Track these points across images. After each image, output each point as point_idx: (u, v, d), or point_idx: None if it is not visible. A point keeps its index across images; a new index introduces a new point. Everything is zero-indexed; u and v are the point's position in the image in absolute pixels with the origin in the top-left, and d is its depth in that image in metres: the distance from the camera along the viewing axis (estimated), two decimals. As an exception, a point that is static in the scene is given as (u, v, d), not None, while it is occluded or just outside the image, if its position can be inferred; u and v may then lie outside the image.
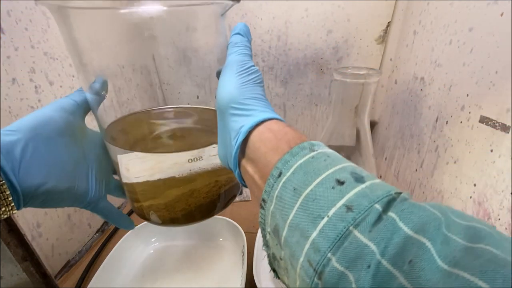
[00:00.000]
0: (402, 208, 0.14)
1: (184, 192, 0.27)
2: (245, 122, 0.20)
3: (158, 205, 0.28)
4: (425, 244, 0.12)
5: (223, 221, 0.45)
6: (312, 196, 0.15)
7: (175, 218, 0.28)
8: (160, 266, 0.42)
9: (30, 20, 0.35)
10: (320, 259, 0.14)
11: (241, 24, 0.25)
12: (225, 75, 0.22)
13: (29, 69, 0.35)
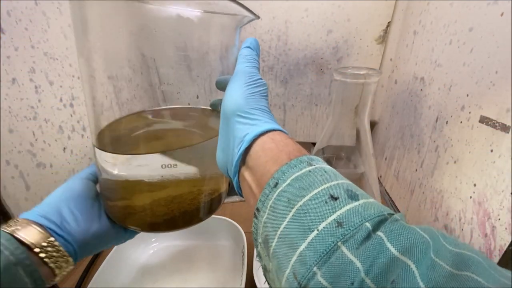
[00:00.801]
0: (391, 228, 0.14)
1: (162, 197, 0.27)
2: (249, 130, 0.20)
3: (135, 207, 0.27)
4: (410, 266, 0.12)
5: (223, 221, 0.45)
6: (305, 209, 0.16)
7: (156, 223, 0.28)
8: (160, 266, 0.42)
9: (30, 20, 0.35)
10: (305, 272, 0.14)
11: (251, 38, 0.26)
12: (234, 84, 0.23)
13: (29, 69, 0.35)
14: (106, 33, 0.25)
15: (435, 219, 0.41)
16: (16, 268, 0.21)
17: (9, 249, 0.21)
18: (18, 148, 0.33)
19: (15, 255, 0.21)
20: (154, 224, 0.28)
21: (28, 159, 0.35)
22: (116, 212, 0.28)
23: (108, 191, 0.28)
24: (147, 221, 0.28)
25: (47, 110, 0.37)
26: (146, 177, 0.25)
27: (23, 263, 0.21)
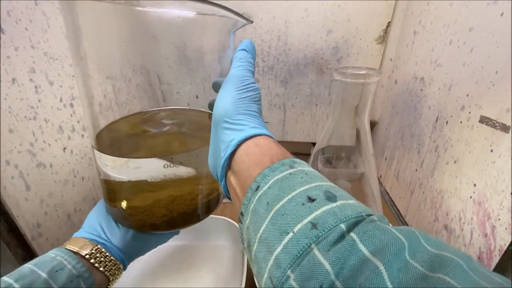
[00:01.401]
0: (365, 229, 0.13)
1: (164, 197, 0.27)
2: (235, 136, 0.20)
3: (136, 207, 0.28)
4: (379, 268, 0.12)
5: (223, 221, 0.45)
6: (282, 211, 0.15)
7: (155, 224, 0.28)
8: (160, 266, 0.42)
9: (30, 20, 0.35)
10: (280, 276, 0.14)
11: (247, 41, 0.26)
12: (225, 89, 0.23)
13: (29, 69, 0.35)
14: (100, 36, 0.25)
15: (435, 219, 0.41)
16: (78, 280, 0.24)
17: (71, 263, 0.24)
18: (18, 148, 0.33)
19: (77, 269, 0.24)
20: (154, 224, 0.28)
21: (28, 159, 0.35)
22: (115, 212, 0.28)
23: (107, 192, 0.28)
24: (146, 222, 0.28)
25: (47, 110, 0.37)
26: (143, 179, 0.25)
27: (83, 275, 0.24)
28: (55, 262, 0.24)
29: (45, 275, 0.23)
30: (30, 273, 0.22)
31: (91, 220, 0.29)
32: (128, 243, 0.28)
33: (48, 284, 0.22)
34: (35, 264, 0.23)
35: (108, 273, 0.26)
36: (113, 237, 0.28)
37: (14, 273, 0.23)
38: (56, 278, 0.23)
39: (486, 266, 0.31)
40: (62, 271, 0.23)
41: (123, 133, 0.30)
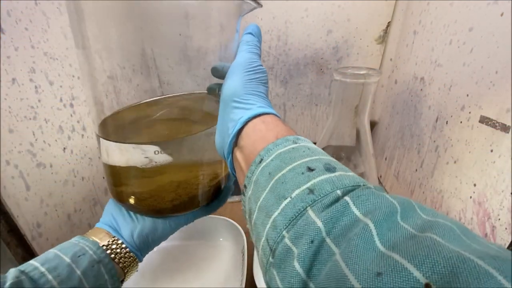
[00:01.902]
0: (359, 194, 0.14)
1: (166, 182, 0.27)
2: (243, 114, 0.21)
3: (141, 193, 0.28)
4: (368, 225, 0.12)
5: (223, 221, 0.45)
6: (282, 179, 0.16)
7: (164, 208, 0.28)
8: (160, 266, 0.42)
9: (30, 20, 0.35)
10: (276, 236, 0.15)
11: (253, 24, 0.27)
12: (233, 70, 0.24)
13: (29, 69, 0.35)
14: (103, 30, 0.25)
15: (435, 219, 0.41)
16: (99, 266, 0.24)
17: (92, 249, 0.25)
18: (18, 148, 0.33)
19: (97, 254, 0.25)
20: (160, 209, 0.28)
21: (28, 159, 0.35)
22: (123, 198, 0.28)
23: (113, 177, 0.28)
24: (154, 207, 0.28)
25: (47, 110, 0.37)
26: (139, 164, 0.26)
27: (104, 261, 0.25)
28: (77, 248, 0.24)
29: (68, 260, 0.23)
30: (54, 258, 0.23)
31: (107, 211, 0.30)
32: (141, 235, 0.28)
33: (71, 268, 0.23)
34: (59, 250, 0.24)
35: (122, 265, 0.27)
36: (124, 229, 0.28)
37: (40, 257, 0.23)
38: (79, 263, 0.23)
39: (486, 266, 0.31)
40: (83, 256, 0.24)
41: (125, 120, 0.30)
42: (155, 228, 0.29)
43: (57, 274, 0.22)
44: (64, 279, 0.22)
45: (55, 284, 0.22)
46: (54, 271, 0.22)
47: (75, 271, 0.23)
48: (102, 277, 0.24)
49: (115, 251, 0.26)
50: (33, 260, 0.23)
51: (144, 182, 0.27)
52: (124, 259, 0.27)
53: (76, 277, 0.23)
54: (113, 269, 0.25)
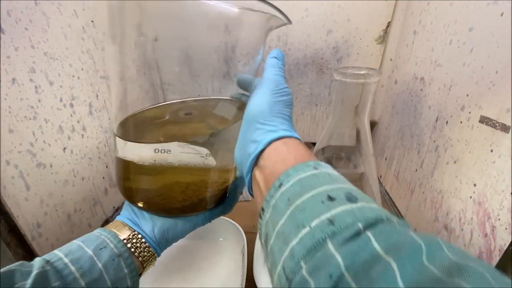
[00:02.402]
0: (382, 229, 0.14)
1: (169, 182, 0.28)
2: (266, 136, 0.22)
3: (148, 190, 0.28)
4: (391, 265, 0.12)
5: (223, 221, 0.45)
6: (301, 207, 0.16)
7: (173, 208, 0.29)
8: (160, 266, 0.42)
9: (30, 20, 0.35)
10: (293, 266, 0.14)
11: (277, 50, 0.28)
12: (261, 91, 0.24)
13: (29, 69, 0.35)
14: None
15: (435, 219, 0.41)
16: (119, 259, 0.25)
17: (113, 242, 0.25)
18: (18, 148, 0.33)
19: (118, 248, 0.25)
20: (169, 208, 0.29)
21: (28, 159, 0.35)
22: (133, 197, 0.29)
23: (125, 173, 0.28)
24: (163, 206, 0.29)
25: (47, 110, 0.37)
26: (141, 161, 0.26)
27: (124, 255, 0.25)
28: (99, 240, 0.25)
29: (90, 252, 0.24)
30: (77, 249, 0.24)
31: (127, 205, 0.30)
32: (157, 233, 0.28)
33: (93, 260, 0.23)
34: (82, 241, 0.25)
35: (141, 259, 0.27)
36: (145, 225, 0.28)
37: (64, 248, 0.24)
38: (100, 256, 0.24)
39: (486, 266, 0.31)
40: (105, 249, 0.24)
41: (146, 120, 0.31)
42: (175, 224, 0.29)
43: (79, 266, 0.23)
44: (86, 272, 0.23)
45: (78, 275, 0.22)
46: (77, 263, 0.23)
47: (96, 263, 0.23)
48: (122, 271, 0.25)
49: (135, 245, 0.26)
50: (57, 250, 0.24)
51: (153, 180, 0.28)
52: (143, 253, 0.27)
53: (97, 269, 0.23)
54: (132, 264, 0.26)
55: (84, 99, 0.45)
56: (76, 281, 0.22)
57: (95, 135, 0.47)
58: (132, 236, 0.27)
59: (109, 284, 0.24)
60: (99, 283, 0.23)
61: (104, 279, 0.23)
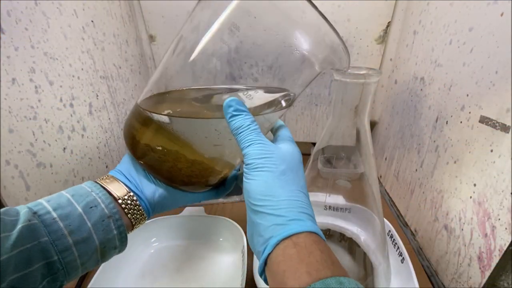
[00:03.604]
0: None
1: (181, 152, 0.28)
2: (274, 232, 0.19)
3: (161, 152, 0.28)
4: None
5: (223, 221, 0.45)
6: None
7: (177, 178, 0.29)
8: (160, 266, 0.42)
9: (30, 20, 0.35)
10: None
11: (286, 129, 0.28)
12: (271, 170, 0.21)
13: (29, 69, 0.35)
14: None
15: (435, 219, 0.41)
16: (109, 220, 0.24)
17: (104, 202, 0.24)
18: (18, 148, 0.33)
19: (109, 209, 0.24)
20: (173, 178, 0.29)
21: (28, 159, 0.35)
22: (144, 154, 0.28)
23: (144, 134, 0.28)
24: (172, 175, 0.28)
25: (47, 110, 0.37)
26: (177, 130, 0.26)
27: (114, 216, 0.24)
28: (90, 198, 0.24)
29: (80, 210, 0.23)
30: (67, 204, 0.23)
31: (128, 165, 0.29)
32: (157, 197, 0.28)
33: (83, 219, 0.23)
34: (72, 196, 0.23)
35: (133, 221, 0.26)
36: (146, 189, 0.28)
37: (52, 201, 0.22)
38: (90, 215, 0.23)
39: (486, 266, 0.31)
40: (95, 208, 0.23)
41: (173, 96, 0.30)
42: (174, 195, 0.29)
43: (68, 223, 0.22)
44: (74, 230, 0.22)
45: (66, 233, 0.21)
46: (66, 220, 0.22)
47: (86, 222, 0.23)
48: (111, 232, 0.24)
49: (129, 207, 0.26)
50: (44, 200, 0.22)
51: (168, 144, 0.27)
52: (135, 215, 0.26)
53: (86, 229, 0.22)
54: (122, 226, 0.25)
55: (84, 99, 0.45)
56: (64, 238, 0.21)
57: (95, 135, 0.47)
58: (127, 198, 0.26)
59: (97, 243, 0.23)
60: (87, 242, 0.22)
61: (92, 239, 0.23)
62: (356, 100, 0.30)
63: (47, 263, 0.21)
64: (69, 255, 0.22)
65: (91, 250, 0.23)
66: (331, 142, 0.33)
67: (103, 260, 0.25)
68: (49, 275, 0.21)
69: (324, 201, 0.37)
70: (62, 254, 0.21)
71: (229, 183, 0.33)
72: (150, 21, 0.61)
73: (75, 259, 0.22)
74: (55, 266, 0.21)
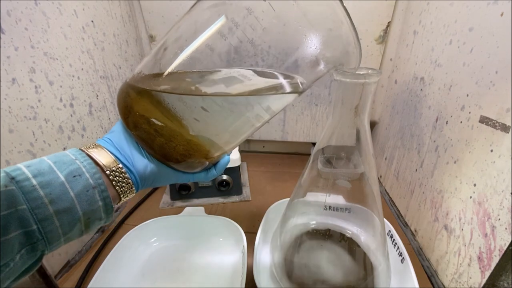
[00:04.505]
0: None
1: (178, 130, 0.27)
2: None
3: (157, 127, 0.27)
4: None
5: (223, 221, 0.45)
6: None
7: (170, 155, 0.28)
8: (160, 266, 0.42)
9: (30, 20, 0.35)
10: None
11: None
12: None
13: (29, 69, 0.35)
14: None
15: (435, 219, 0.41)
16: (94, 191, 0.22)
17: (89, 172, 0.23)
18: (18, 148, 0.33)
19: (94, 179, 0.23)
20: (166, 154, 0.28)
21: (28, 159, 0.34)
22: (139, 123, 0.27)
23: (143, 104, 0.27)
24: (166, 151, 0.28)
25: (47, 110, 0.37)
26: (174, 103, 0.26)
27: (100, 187, 0.23)
28: (74, 167, 0.22)
29: (62, 178, 0.21)
30: (48, 171, 0.21)
31: (119, 135, 0.27)
32: (147, 173, 0.27)
33: (65, 187, 0.21)
34: (54, 163, 0.22)
35: (121, 193, 0.25)
36: (137, 163, 0.26)
37: (32, 166, 0.21)
38: (73, 184, 0.21)
39: (486, 266, 0.31)
40: (79, 177, 0.22)
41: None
42: (166, 171, 0.28)
43: (49, 191, 0.20)
44: (55, 199, 0.20)
45: (46, 201, 0.20)
46: (47, 188, 0.20)
47: (68, 192, 0.21)
48: (96, 203, 0.23)
49: (117, 179, 0.24)
50: (24, 165, 0.21)
51: (166, 120, 0.27)
52: (124, 188, 0.25)
53: (69, 198, 0.21)
54: (108, 197, 0.23)
55: (84, 99, 0.45)
56: (44, 206, 0.20)
57: (95, 135, 0.47)
58: (116, 168, 0.24)
59: (80, 214, 0.22)
60: (69, 212, 0.21)
61: (75, 209, 0.21)
62: (356, 100, 0.30)
63: (25, 232, 0.20)
64: (49, 224, 0.20)
65: (74, 220, 0.22)
66: (331, 142, 0.33)
67: (87, 231, 0.23)
68: (27, 244, 0.20)
69: (324, 201, 0.37)
70: (42, 223, 0.20)
71: (221, 166, 0.33)
72: (150, 21, 0.61)
73: (56, 228, 0.21)
74: (34, 235, 0.20)
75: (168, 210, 0.55)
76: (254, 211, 0.53)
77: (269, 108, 0.28)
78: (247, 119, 0.28)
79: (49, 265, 0.39)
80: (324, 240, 0.38)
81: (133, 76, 0.27)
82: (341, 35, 0.24)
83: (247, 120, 0.28)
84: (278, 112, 0.30)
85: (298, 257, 0.37)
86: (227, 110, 0.27)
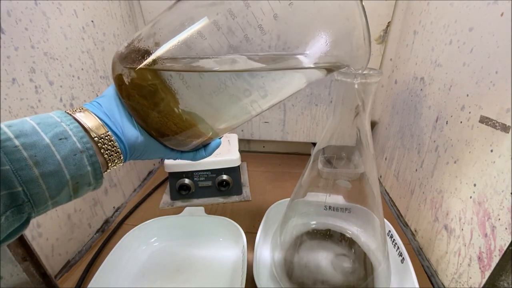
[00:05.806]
0: None
1: (172, 105, 0.27)
2: None
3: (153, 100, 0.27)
4: None
5: (223, 221, 0.45)
6: None
7: (162, 130, 0.28)
8: (160, 266, 0.42)
9: (30, 20, 0.35)
10: None
11: None
12: None
13: (29, 69, 0.35)
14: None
15: (435, 219, 0.41)
16: (81, 156, 0.21)
17: (76, 135, 0.22)
18: (18, 148, 0.33)
19: (82, 143, 0.22)
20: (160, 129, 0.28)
21: (28, 159, 0.35)
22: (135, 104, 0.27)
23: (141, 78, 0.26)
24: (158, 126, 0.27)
25: (47, 110, 0.37)
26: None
27: (88, 152, 0.22)
28: (60, 129, 0.21)
29: (47, 140, 0.20)
30: (32, 132, 0.20)
31: (111, 101, 0.26)
32: (136, 144, 0.26)
33: (50, 150, 0.20)
34: (38, 124, 0.20)
35: (109, 162, 0.24)
36: (127, 133, 0.25)
37: (14, 126, 0.20)
38: (59, 147, 0.20)
39: (486, 266, 0.31)
40: (66, 140, 0.21)
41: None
42: (156, 145, 0.28)
43: (33, 153, 0.19)
44: (40, 161, 0.19)
45: (30, 163, 0.19)
46: (31, 149, 0.19)
47: (54, 154, 0.20)
48: (84, 168, 0.22)
49: (105, 147, 0.23)
50: (5, 125, 0.19)
51: (161, 95, 0.26)
52: (112, 156, 0.24)
53: (55, 161, 0.20)
54: (97, 163, 0.22)
55: (84, 99, 0.45)
56: (28, 168, 0.19)
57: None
58: (105, 137, 0.23)
59: (68, 177, 0.21)
60: (56, 175, 0.20)
61: (62, 173, 0.20)
62: (356, 100, 0.30)
63: (10, 193, 0.19)
64: (35, 187, 0.20)
65: (61, 184, 0.21)
66: (331, 142, 0.33)
67: (76, 196, 0.23)
68: (12, 205, 0.19)
69: (324, 201, 0.37)
70: (27, 185, 0.19)
71: (210, 149, 0.33)
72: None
73: (42, 191, 0.20)
74: (19, 197, 0.19)
75: (168, 210, 0.55)
76: (254, 211, 0.53)
77: (263, 89, 0.27)
78: (240, 99, 0.27)
79: (49, 265, 0.39)
80: (324, 240, 0.38)
81: (132, 42, 0.27)
82: (355, 35, 0.24)
83: (239, 100, 0.27)
84: (275, 101, 0.29)
85: (298, 257, 0.37)
86: (222, 88, 0.27)
